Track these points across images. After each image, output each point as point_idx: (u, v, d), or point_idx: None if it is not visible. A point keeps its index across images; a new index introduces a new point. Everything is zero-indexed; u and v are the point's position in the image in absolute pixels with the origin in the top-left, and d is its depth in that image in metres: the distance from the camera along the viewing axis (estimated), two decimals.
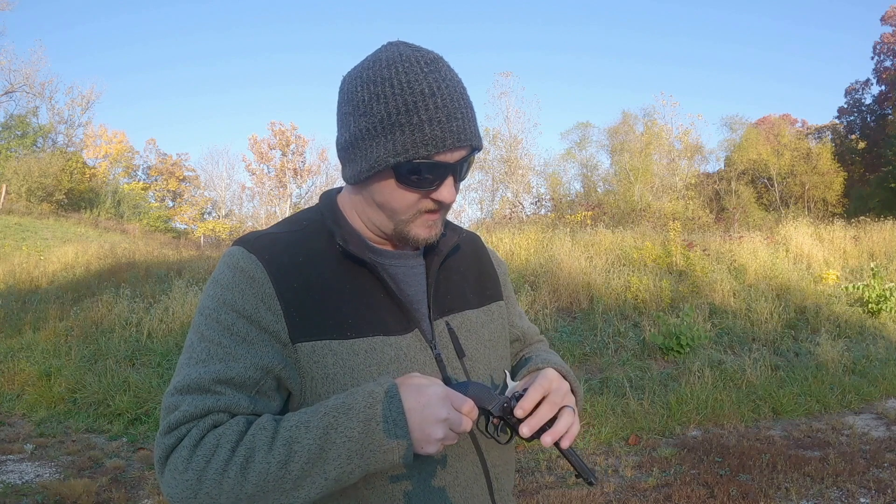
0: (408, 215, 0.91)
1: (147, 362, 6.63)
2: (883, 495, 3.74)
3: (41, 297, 9.30)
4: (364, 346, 0.88)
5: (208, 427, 0.82)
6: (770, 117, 37.46)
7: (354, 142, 0.89)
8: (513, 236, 10.90)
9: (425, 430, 0.80)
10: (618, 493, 3.88)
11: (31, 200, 25.84)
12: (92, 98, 35.48)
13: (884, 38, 33.69)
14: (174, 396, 0.84)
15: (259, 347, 0.86)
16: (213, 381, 0.83)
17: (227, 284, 0.88)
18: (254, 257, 0.89)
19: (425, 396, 0.81)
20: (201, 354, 0.86)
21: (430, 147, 0.84)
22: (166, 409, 0.84)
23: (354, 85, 0.89)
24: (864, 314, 8.41)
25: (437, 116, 0.84)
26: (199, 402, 0.82)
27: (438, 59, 0.89)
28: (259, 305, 0.87)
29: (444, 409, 0.81)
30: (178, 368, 0.87)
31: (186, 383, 0.84)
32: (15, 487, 3.99)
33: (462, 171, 0.91)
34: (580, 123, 31.03)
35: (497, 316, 1.08)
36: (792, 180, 31.33)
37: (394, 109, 0.84)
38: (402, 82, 0.85)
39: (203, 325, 0.88)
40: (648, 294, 8.28)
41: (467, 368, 0.97)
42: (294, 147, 38.06)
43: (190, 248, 16.35)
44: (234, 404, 0.83)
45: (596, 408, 5.34)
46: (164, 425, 0.83)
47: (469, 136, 0.87)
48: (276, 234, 0.94)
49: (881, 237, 11.94)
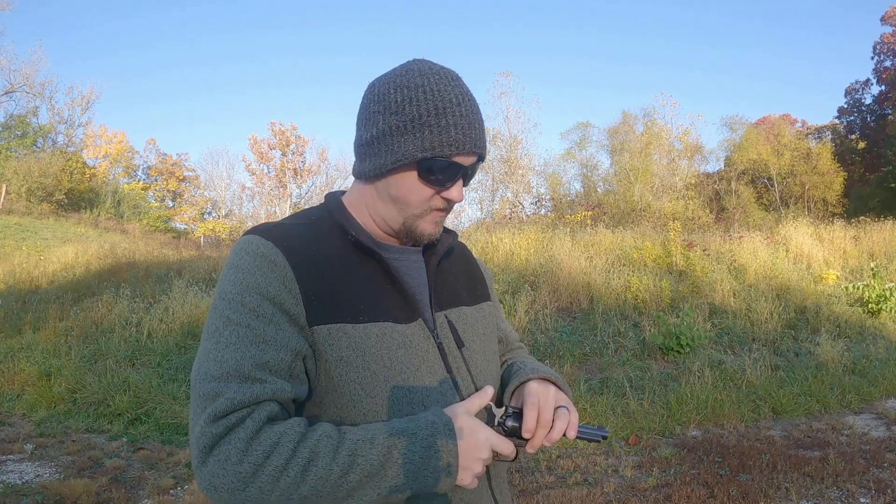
0: (419, 210, 0.99)
1: (147, 362, 6.63)
2: (883, 495, 3.74)
3: (41, 297, 9.30)
4: (376, 330, 0.93)
5: (263, 419, 0.82)
6: (770, 117, 37.46)
7: (382, 137, 0.97)
8: (513, 236, 10.90)
9: (469, 467, 0.89)
10: (618, 493, 3.88)
11: (31, 200, 25.83)
12: (92, 98, 35.52)
13: (884, 38, 33.68)
14: (213, 383, 0.83)
15: (286, 330, 0.88)
16: (252, 366, 0.84)
17: (248, 269, 0.91)
18: (271, 244, 0.93)
19: (475, 439, 0.89)
20: (231, 338, 0.86)
21: (452, 147, 0.95)
22: (205, 396, 0.83)
23: (387, 88, 0.98)
24: (864, 314, 8.41)
25: (461, 123, 0.96)
26: (245, 390, 0.82)
27: (459, 77, 1.02)
28: (281, 288, 0.89)
29: (487, 452, 0.90)
30: (206, 353, 0.86)
31: (225, 370, 0.84)
32: (15, 487, 3.99)
33: (471, 175, 1.01)
34: (580, 123, 30.99)
35: (488, 314, 1.16)
36: (792, 180, 31.31)
37: (425, 111, 0.95)
38: (433, 90, 0.96)
39: (228, 309, 0.88)
40: (648, 294, 8.28)
41: (466, 357, 1.03)
42: (294, 147, 38.06)
43: (190, 248, 16.36)
44: (279, 391, 0.85)
45: (596, 408, 5.34)
46: (208, 413, 0.81)
47: (482, 144, 1.00)
48: (288, 225, 0.99)
49: (881, 237, 11.94)
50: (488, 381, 1.05)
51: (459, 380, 1.00)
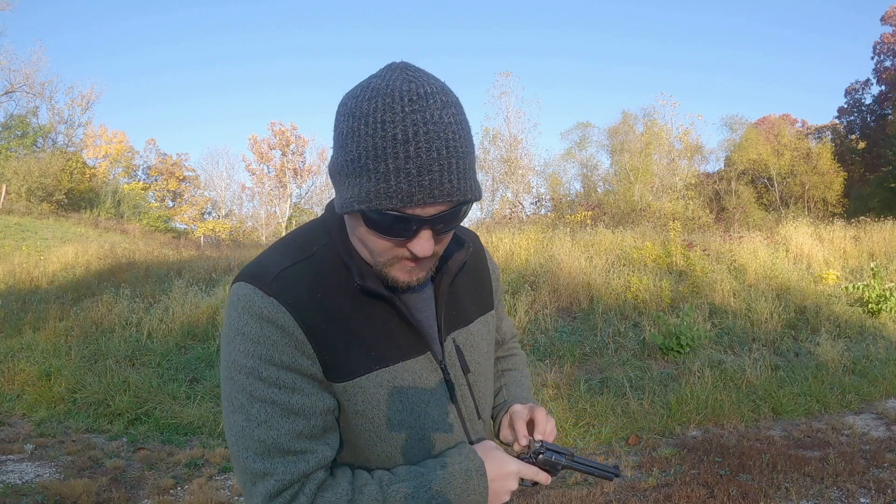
0: (384, 259, 0.87)
1: (147, 362, 6.63)
2: (883, 495, 3.73)
3: (41, 297, 9.30)
4: (387, 376, 0.93)
5: (314, 491, 0.87)
6: (770, 117, 37.45)
7: (333, 173, 0.85)
8: (513, 236, 10.89)
9: (499, 497, 0.96)
10: (618, 493, 3.88)
11: (31, 200, 25.80)
12: (92, 98, 35.51)
13: (884, 38, 33.67)
14: (259, 462, 0.86)
15: (311, 394, 0.88)
16: (290, 440, 0.86)
17: (256, 338, 0.85)
18: (276, 302, 0.86)
19: (504, 471, 0.96)
20: (260, 416, 0.86)
21: (394, 200, 0.77)
22: (255, 475, 0.86)
23: (341, 112, 0.82)
24: (864, 314, 8.41)
25: (407, 168, 0.75)
26: (291, 468, 0.86)
27: (431, 95, 0.78)
28: (296, 354, 0.87)
29: (515, 482, 0.98)
30: (241, 430, 0.87)
31: (264, 448, 0.86)
32: (15, 487, 3.99)
33: (443, 224, 0.82)
34: (580, 123, 30.99)
35: (490, 326, 1.14)
36: (792, 180, 31.31)
37: (363, 152, 0.77)
38: (376, 121, 0.76)
39: (249, 385, 0.86)
40: (648, 294, 8.28)
41: (471, 383, 1.04)
42: (294, 147, 38.10)
43: (190, 248, 16.36)
44: (322, 459, 0.89)
45: (596, 408, 5.33)
46: (262, 492, 0.85)
47: (446, 191, 0.77)
48: (289, 269, 0.89)
49: (881, 237, 11.93)
50: (488, 402, 1.11)
51: (463, 407, 1.02)
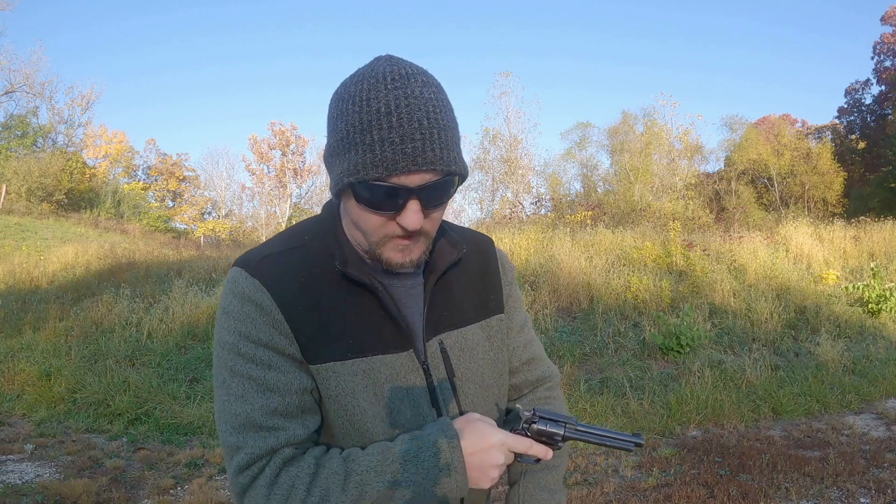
0: (377, 238, 0.89)
1: (147, 362, 6.63)
2: (883, 495, 3.74)
3: (41, 297, 9.29)
4: (363, 366, 0.92)
5: (280, 465, 0.88)
6: (770, 117, 37.44)
7: (326, 157, 0.91)
8: (513, 236, 10.89)
9: (484, 472, 0.88)
10: (618, 493, 3.88)
11: (31, 200, 25.79)
12: (92, 98, 35.47)
13: (884, 38, 33.66)
14: (234, 436, 0.89)
15: (288, 372, 0.90)
16: (263, 416, 0.88)
17: (237, 316, 0.90)
18: (257, 282, 0.90)
19: (486, 443, 0.88)
20: (238, 390, 0.89)
21: (380, 169, 0.81)
22: (230, 448, 0.89)
23: (332, 100, 0.89)
24: (864, 314, 8.41)
25: (391, 137, 0.80)
26: (261, 443, 0.88)
27: (412, 75, 0.84)
28: (273, 332, 0.89)
29: (502, 455, 0.89)
30: (221, 404, 0.91)
31: (239, 422, 0.89)
32: (15, 487, 3.98)
33: (431, 196, 0.85)
34: (580, 123, 30.95)
35: (496, 330, 1.07)
36: (792, 180, 31.29)
37: (350, 128, 0.83)
38: (362, 100, 0.82)
39: (229, 360, 0.90)
40: (648, 294, 8.28)
41: (457, 387, 0.99)
42: (294, 147, 38.08)
43: (190, 248, 16.37)
44: (292, 437, 0.90)
45: (596, 408, 5.33)
46: (234, 465, 0.88)
47: (429, 159, 0.81)
48: (277, 254, 0.94)
49: (881, 237, 11.94)
50: (483, 412, 0.98)
51: (446, 413, 0.96)
